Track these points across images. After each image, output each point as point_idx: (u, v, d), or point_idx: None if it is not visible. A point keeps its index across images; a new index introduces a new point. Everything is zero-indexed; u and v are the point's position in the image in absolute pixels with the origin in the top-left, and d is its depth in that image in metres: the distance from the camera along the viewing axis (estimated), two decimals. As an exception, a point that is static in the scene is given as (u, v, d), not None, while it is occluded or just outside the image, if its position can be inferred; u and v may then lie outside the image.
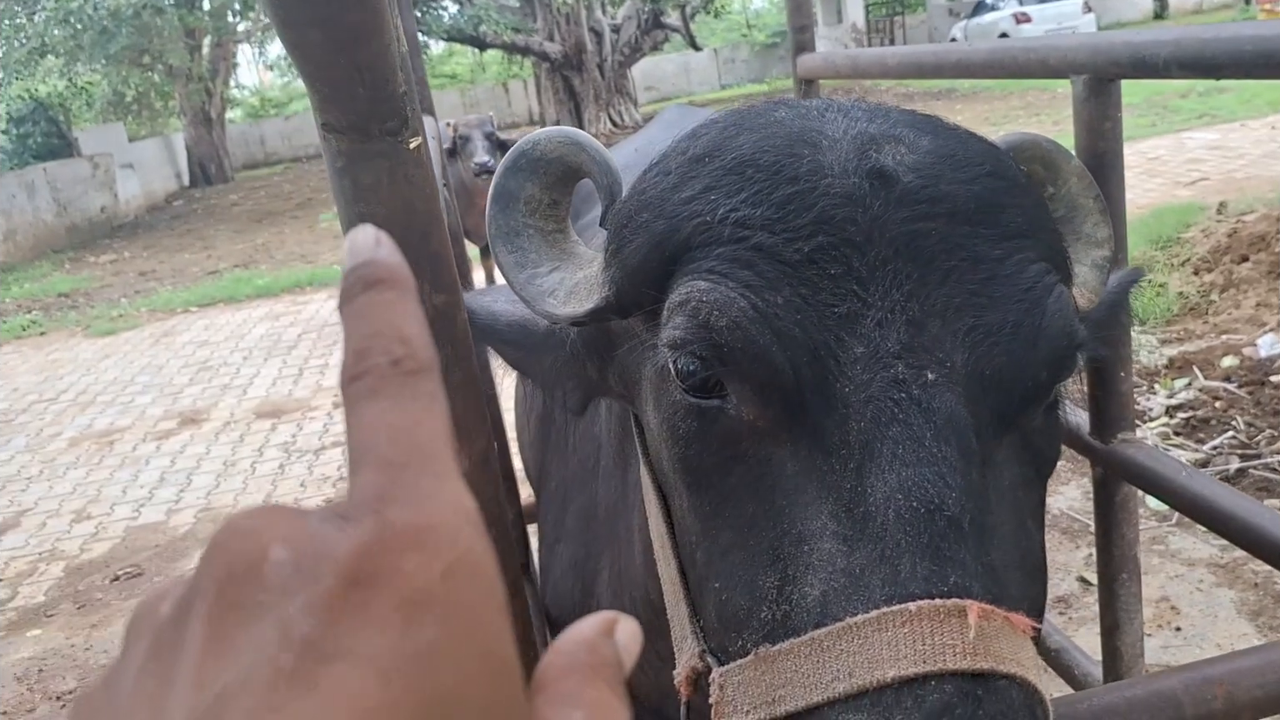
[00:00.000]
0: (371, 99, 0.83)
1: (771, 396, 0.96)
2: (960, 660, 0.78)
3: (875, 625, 0.82)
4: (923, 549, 0.84)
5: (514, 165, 1.25)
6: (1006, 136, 1.20)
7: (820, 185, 0.98)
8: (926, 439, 0.88)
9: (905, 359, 0.91)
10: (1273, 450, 5.00)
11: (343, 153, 0.85)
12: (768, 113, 1.11)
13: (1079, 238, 1.18)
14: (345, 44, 0.78)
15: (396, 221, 0.87)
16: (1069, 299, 0.99)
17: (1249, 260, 7.39)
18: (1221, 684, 1.09)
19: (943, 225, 0.96)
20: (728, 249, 0.98)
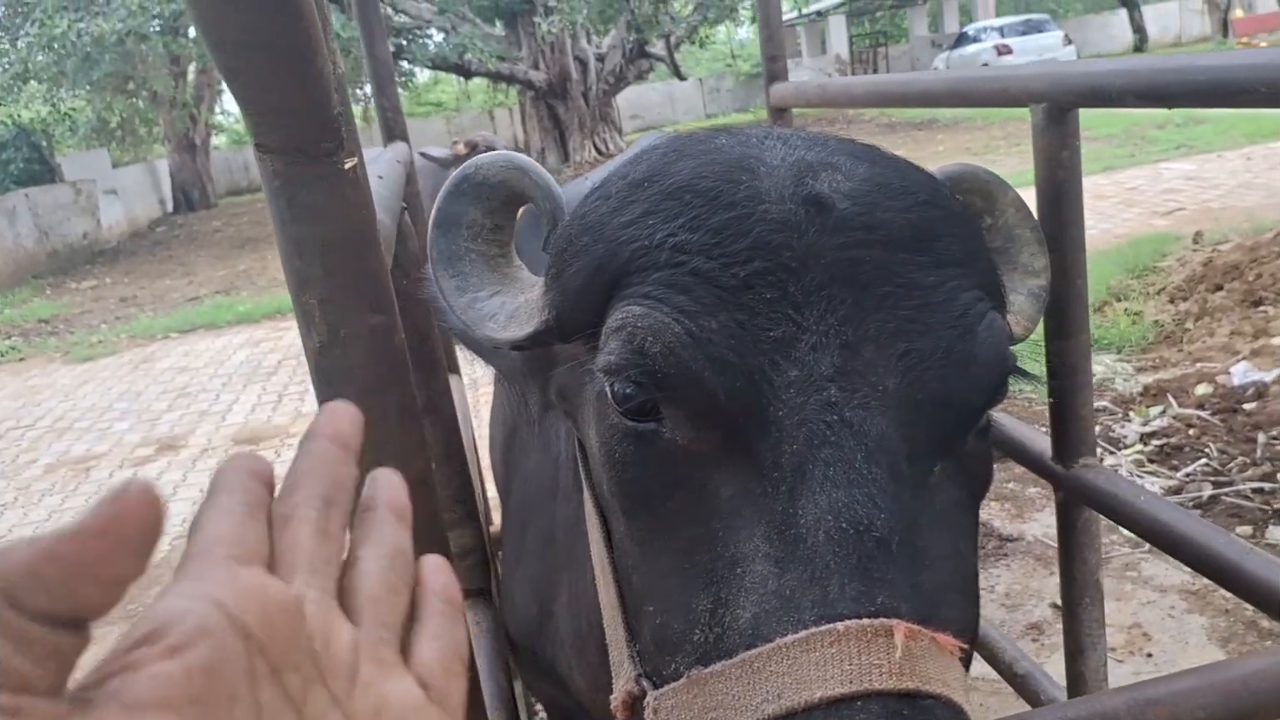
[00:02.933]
0: (306, 121, 0.84)
1: (706, 421, 0.96)
2: (887, 680, 0.79)
3: (804, 646, 0.82)
4: (851, 570, 0.84)
5: (456, 190, 1.26)
6: (945, 167, 1.22)
7: (757, 211, 0.99)
8: (857, 461, 0.88)
9: (838, 382, 0.92)
10: (1244, 477, 5.04)
11: (279, 174, 0.86)
12: (709, 139, 1.13)
13: (1015, 267, 1.20)
14: (278, 67, 0.79)
15: (333, 242, 0.88)
16: (1001, 326, 1.01)
17: (1223, 289, 7.46)
18: (1163, 705, 1.09)
19: (878, 252, 0.97)
20: (664, 274, 0.99)
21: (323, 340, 0.90)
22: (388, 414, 0.93)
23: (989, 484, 1.08)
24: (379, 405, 0.92)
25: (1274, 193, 11.30)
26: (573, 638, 1.67)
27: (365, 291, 0.91)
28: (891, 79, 2.72)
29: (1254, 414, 5.57)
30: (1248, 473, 5.08)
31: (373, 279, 0.91)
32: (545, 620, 1.85)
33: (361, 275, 0.90)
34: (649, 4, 25.10)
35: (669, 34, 27.45)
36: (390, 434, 0.93)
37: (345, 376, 0.91)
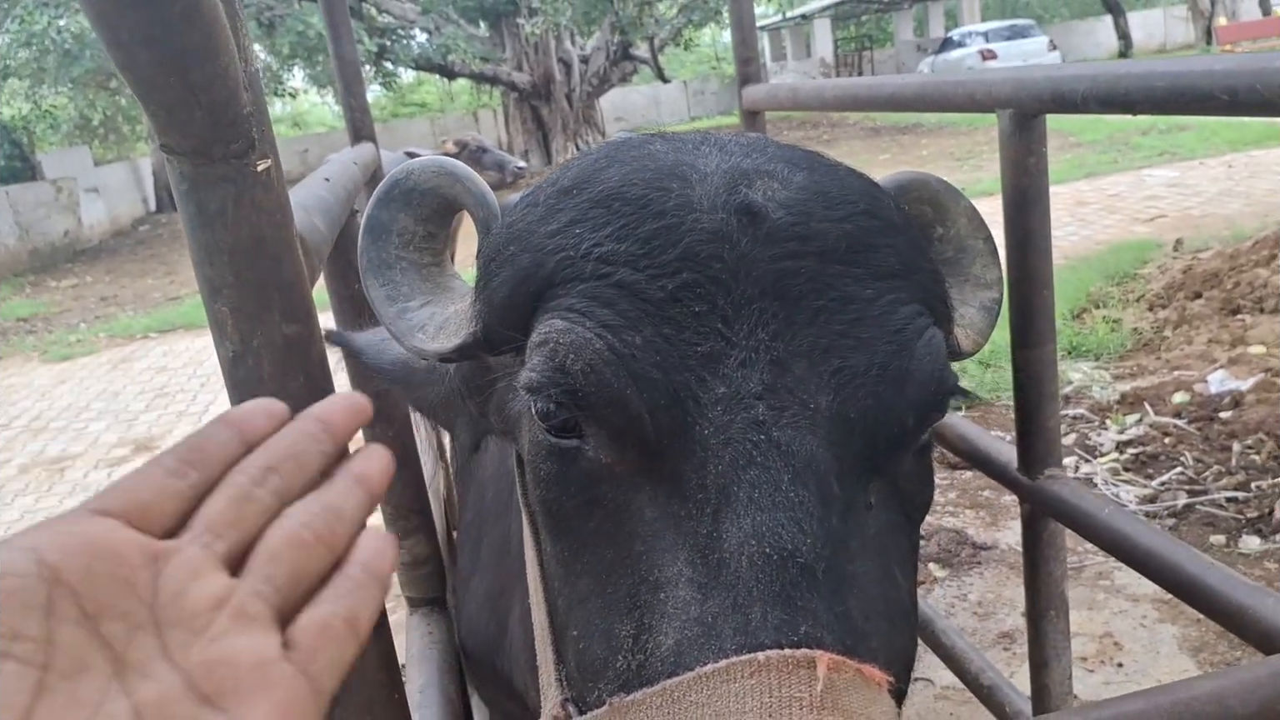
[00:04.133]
0: (211, 121, 0.80)
1: (629, 440, 0.93)
2: (806, 714, 0.76)
3: (724, 675, 0.79)
4: (774, 597, 0.81)
5: (386, 196, 1.22)
6: (894, 175, 1.18)
7: (687, 221, 0.95)
8: (783, 483, 0.85)
9: (767, 400, 0.88)
10: (1219, 486, 5.03)
11: (186, 176, 0.82)
12: (643, 145, 1.09)
13: (967, 279, 1.17)
14: (176, 65, 0.75)
15: (243, 249, 0.84)
16: (940, 342, 0.97)
17: (1201, 297, 7.48)
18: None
19: (812, 264, 0.94)
20: (589, 285, 0.95)
21: (235, 350, 0.86)
22: (304, 427, 0.89)
23: (928, 505, 1.05)
24: (294, 417, 0.89)
25: (1254, 200, 11.34)
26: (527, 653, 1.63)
27: (279, 300, 0.87)
28: (861, 82, 2.70)
29: (1230, 423, 5.57)
30: (1222, 482, 5.07)
31: (288, 287, 0.87)
32: (500, 635, 1.82)
33: (275, 283, 0.87)
34: (633, 6, 25.07)
35: (653, 36, 27.46)
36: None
37: (259, 388, 0.87)
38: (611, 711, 0.87)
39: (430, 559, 2.02)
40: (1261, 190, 11.88)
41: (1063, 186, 14.34)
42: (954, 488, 5.42)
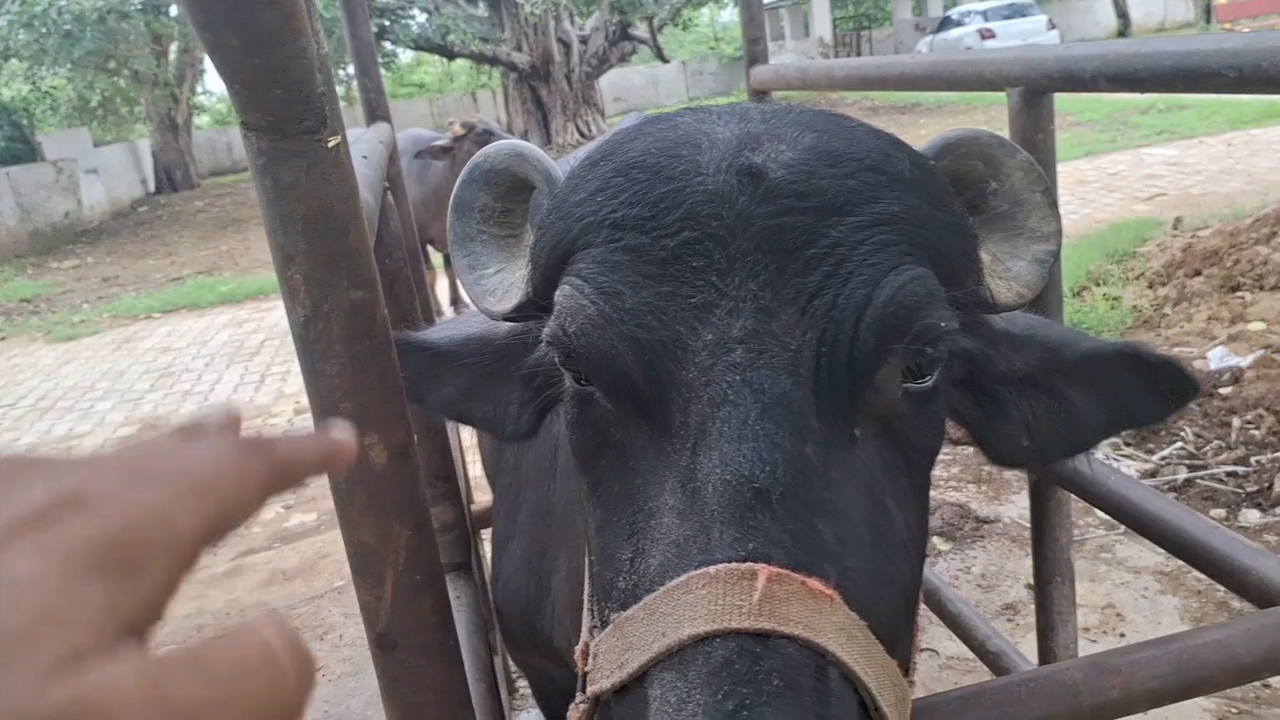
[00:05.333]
0: (289, 99, 0.85)
1: (622, 392, 1.02)
2: (743, 620, 0.83)
3: (684, 588, 0.87)
4: (731, 519, 0.88)
5: (469, 178, 1.34)
6: (946, 133, 1.21)
7: (692, 184, 1.03)
8: (751, 418, 0.92)
9: (747, 344, 0.95)
10: (1219, 461, 5.10)
11: (263, 151, 0.88)
12: (673, 118, 1.16)
13: (1021, 233, 1.18)
14: (261, 46, 0.81)
15: (315, 218, 0.90)
16: (922, 283, 1.00)
17: (1201, 275, 7.52)
18: (1119, 675, 1.13)
19: (810, 218, 1.00)
20: (601, 250, 1.04)
21: (306, 314, 0.92)
22: (370, 386, 0.95)
23: (932, 450, 1.09)
24: (362, 377, 0.95)
25: (1254, 179, 11.38)
26: (572, 611, 1.70)
27: (347, 267, 0.93)
28: (871, 62, 2.74)
29: (1229, 399, 5.63)
30: (1222, 456, 5.14)
31: (355, 255, 0.93)
32: (541, 595, 1.88)
33: (344, 251, 0.93)
34: (633, -14, 25.02)
35: (652, 16, 27.39)
36: (373, 405, 0.96)
37: (328, 350, 0.94)
38: (614, 628, 0.95)
39: (457, 524, 2.08)
40: (1261, 168, 11.92)
41: (1063, 165, 14.31)
42: (957, 463, 5.49)
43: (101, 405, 9.29)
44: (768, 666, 0.82)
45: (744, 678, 0.81)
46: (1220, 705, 3.45)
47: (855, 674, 0.86)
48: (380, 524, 0.98)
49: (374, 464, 0.96)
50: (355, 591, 1.01)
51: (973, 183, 1.20)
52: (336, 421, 0.74)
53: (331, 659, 4.62)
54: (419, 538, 1.01)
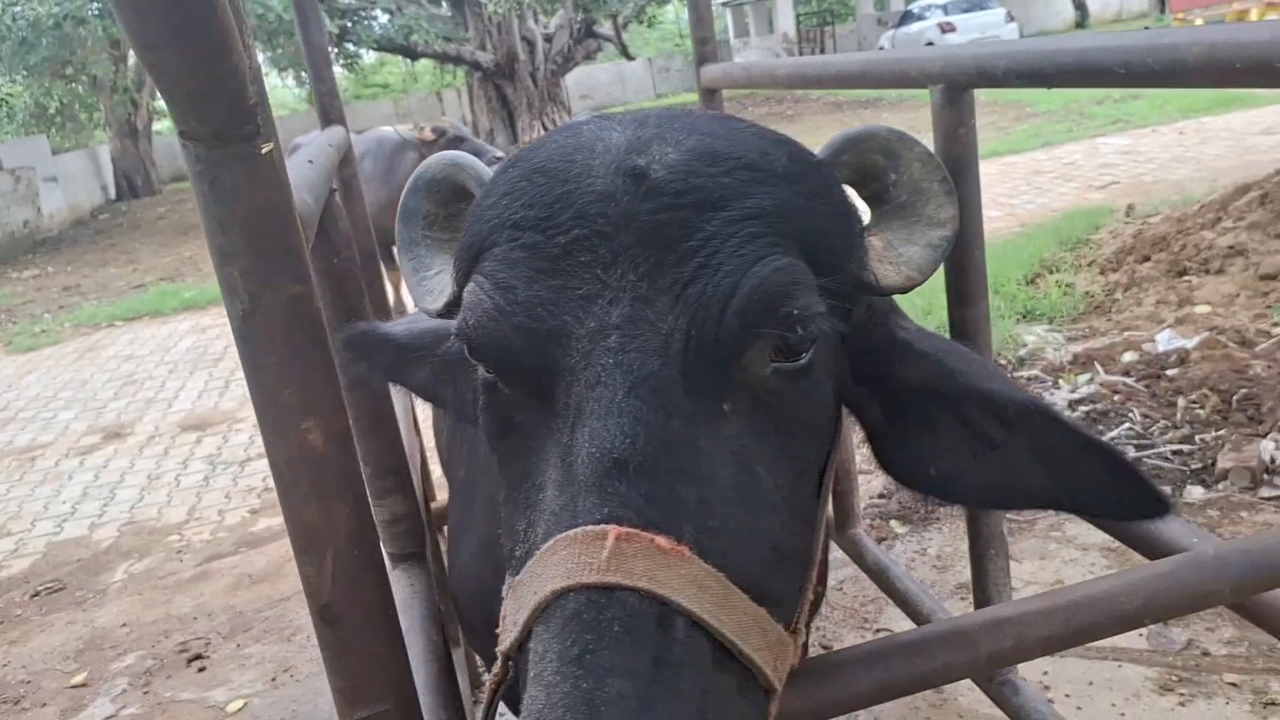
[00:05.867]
0: (224, 110, 0.93)
1: (516, 378, 1.12)
2: (592, 575, 0.93)
3: (551, 550, 0.97)
4: (591, 487, 0.98)
5: (413, 187, 1.45)
6: (848, 130, 1.29)
7: (583, 185, 1.12)
8: (619, 396, 1.01)
9: (622, 329, 1.04)
10: (1165, 440, 5.25)
11: (201, 158, 0.95)
12: (580, 126, 1.24)
13: (919, 219, 1.26)
14: (198, 62, 0.88)
15: (251, 220, 0.97)
16: (789, 271, 1.08)
17: (1150, 260, 7.70)
18: (1013, 625, 1.23)
19: (687, 214, 1.08)
20: (502, 249, 1.13)
21: (245, 308, 1.00)
22: (308, 375, 1.03)
23: (811, 423, 1.17)
24: (300, 367, 1.02)
25: (1204, 166, 11.62)
26: None
27: (283, 264, 1.00)
28: (810, 61, 2.84)
29: (1176, 379, 5.79)
30: (1168, 435, 5.29)
31: (290, 253, 1.01)
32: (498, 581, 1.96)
33: (279, 249, 1.00)
34: (595, -16, 25.06)
35: (616, 14, 27.45)
36: (311, 393, 1.03)
37: (267, 342, 1.01)
38: (511, 592, 1.06)
39: (408, 516, 2.15)
40: (1210, 155, 12.16)
41: (1020, 156, 14.59)
42: (913, 450, 5.61)
43: (64, 415, 9.26)
44: (610, 615, 0.92)
45: (589, 625, 0.91)
46: (1161, 673, 3.58)
47: (706, 621, 0.94)
48: (321, 504, 1.05)
49: (313, 448, 1.03)
50: (298, 567, 1.09)
51: (875, 175, 1.28)
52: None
53: (299, 659, 4.67)
54: (358, 517, 1.08)
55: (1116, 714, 3.44)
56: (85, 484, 7.42)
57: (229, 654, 4.81)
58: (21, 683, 4.83)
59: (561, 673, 0.90)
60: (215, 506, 6.65)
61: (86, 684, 4.73)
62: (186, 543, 6.17)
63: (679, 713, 0.90)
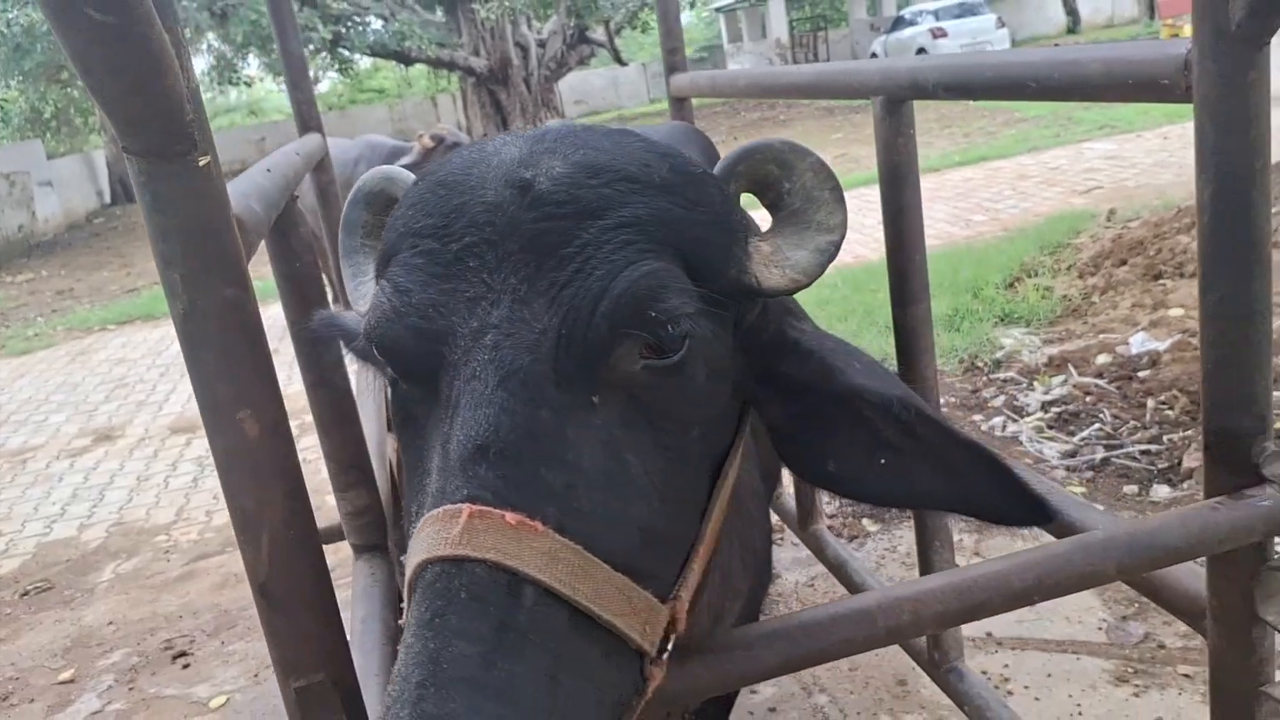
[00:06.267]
0: (162, 128, 1.02)
1: (411, 374, 1.21)
2: (445, 549, 1.03)
3: (421, 528, 1.08)
4: (456, 471, 1.08)
5: (353, 200, 1.55)
6: (746, 143, 1.38)
7: (476, 196, 1.21)
8: (489, 389, 1.10)
9: (500, 328, 1.13)
10: (1134, 440, 5.35)
11: (143, 171, 1.05)
12: (487, 142, 1.34)
13: (810, 225, 1.34)
14: (136, 86, 0.97)
15: (189, 228, 1.07)
16: (658, 275, 1.16)
17: (1127, 264, 7.81)
18: (911, 602, 1.32)
19: (567, 222, 1.17)
20: (404, 255, 1.22)
21: (184, 309, 1.09)
22: (242, 369, 1.12)
23: (684, 418, 1.24)
24: (235, 362, 1.12)
25: (1186, 171, 11.71)
26: None
27: (219, 268, 1.10)
28: (767, 72, 2.94)
29: (1147, 381, 5.89)
30: (1137, 436, 5.39)
31: (226, 258, 1.10)
32: None
33: (216, 255, 1.09)
34: (587, -11, 25.17)
35: (609, 20, 27.54)
36: (246, 386, 1.13)
37: (204, 340, 1.10)
38: (404, 565, 1.16)
39: (370, 509, 2.25)
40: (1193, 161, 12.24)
41: (1006, 160, 14.70)
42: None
43: (56, 417, 9.34)
44: (458, 584, 1.01)
45: (441, 593, 1.01)
46: (1117, 665, 3.68)
47: (557, 589, 1.03)
48: (257, 489, 1.15)
49: (249, 436, 1.13)
50: (240, 548, 1.18)
51: (771, 184, 1.36)
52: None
53: (283, 655, 4.76)
54: (293, 501, 1.18)
55: (1073, 704, 3.53)
56: (75, 486, 7.50)
57: (213, 651, 4.89)
58: (10, 679, 4.91)
59: (416, 634, 1.00)
60: (203, 508, 6.74)
61: (74, 680, 4.81)
62: (174, 543, 6.25)
63: (520, 672, 0.99)
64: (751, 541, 1.99)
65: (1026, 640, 3.93)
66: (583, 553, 1.06)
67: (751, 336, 1.35)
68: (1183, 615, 1.73)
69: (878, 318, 7.71)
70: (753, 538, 2.02)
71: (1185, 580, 1.69)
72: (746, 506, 1.91)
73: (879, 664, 3.91)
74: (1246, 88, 1.39)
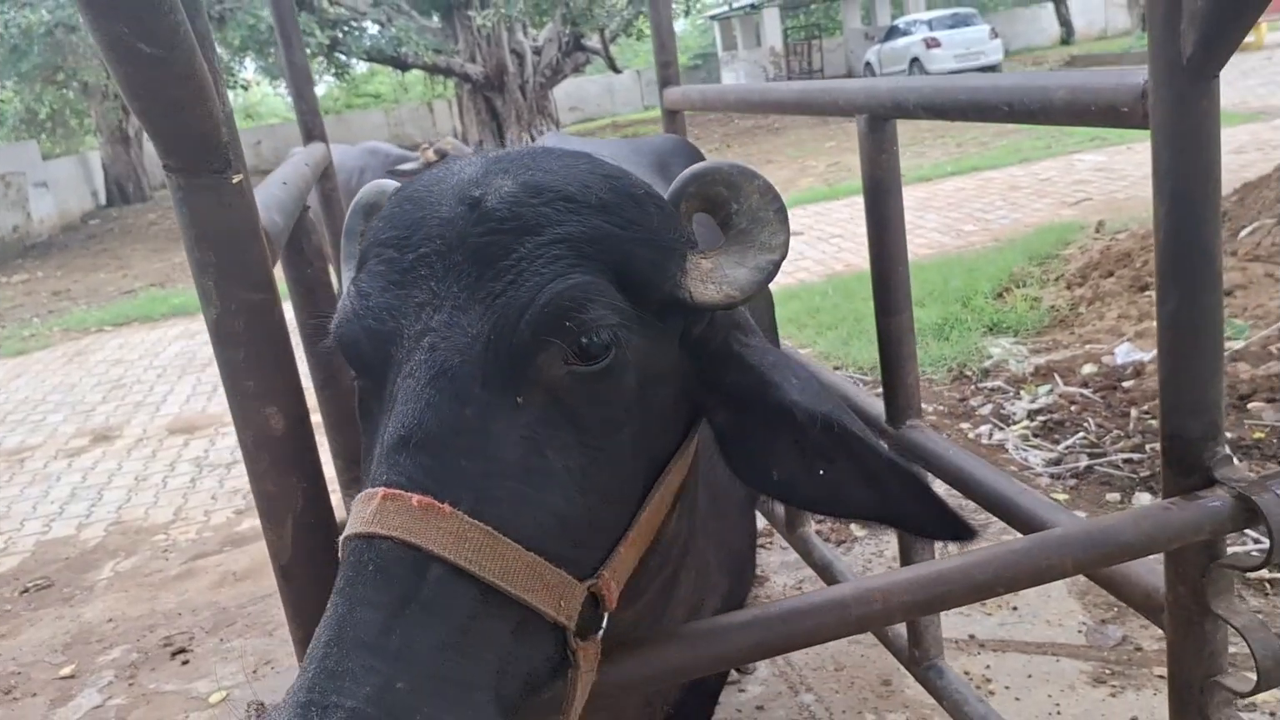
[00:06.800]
0: (200, 148, 1.13)
1: (364, 370, 1.32)
2: (359, 526, 1.15)
3: (352, 510, 1.19)
4: (382, 459, 1.20)
5: (353, 209, 1.65)
6: (696, 166, 1.46)
7: (432, 211, 1.32)
8: (419, 386, 1.21)
9: (437, 331, 1.24)
10: (1117, 449, 5.46)
11: (181, 186, 1.15)
12: (455, 161, 1.45)
13: (754, 245, 1.42)
14: (178, 110, 1.08)
15: (222, 238, 1.17)
16: (584, 289, 1.26)
17: (1113, 275, 7.93)
18: (881, 592, 1.42)
19: (508, 237, 1.28)
20: (371, 263, 1.34)
21: (217, 312, 1.19)
22: (269, 367, 1.22)
23: (611, 421, 1.32)
24: (264, 363, 1.22)
25: (1174, 184, 11.85)
26: None
27: (248, 275, 1.20)
28: (755, 88, 3.05)
29: (1131, 391, 6.01)
30: (1120, 444, 5.50)
31: (255, 265, 1.21)
32: None
33: (245, 263, 1.20)
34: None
35: (604, 27, 27.68)
36: (272, 383, 1.23)
37: (235, 340, 1.21)
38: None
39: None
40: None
41: (998, 171, 14.85)
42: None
43: (53, 418, 9.40)
44: (367, 558, 1.13)
45: (353, 566, 1.13)
46: (1095, 667, 3.78)
47: (461, 566, 1.14)
48: (281, 477, 1.25)
49: (274, 429, 1.23)
50: (264, 533, 1.28)
51: (720, 205, 1.45)
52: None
53: (280, 652, 4.84)
54: (314, 488, 1.28)
55: (1052, 704, 3.64)
56: (73, 485, 7.57)
57: (212, 648, 4.98)
58: (12, 674, 4.99)
59: (332, 601, 1.11)
60: (201, 507, 6.82)
61: (74, 676, 4.89)
62: (172, 542, 6.33)
63: (417, 638, 1.09)
64: (730, 541, 2.10)
65: (1008, 642, 4.03)
66: (492, 533, 1.16)
67: (698, 347, 1.44)
68: (1143, 610, 1.83)
69: (867, 325, 7.81)
70: (731, 538, 2.13)
71: (1146, 577, 1.80)
72: (724, 508, 2.01)
73: (864, 664, 4.01)
74: (1198, 115, 1.50)
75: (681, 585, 1.63)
